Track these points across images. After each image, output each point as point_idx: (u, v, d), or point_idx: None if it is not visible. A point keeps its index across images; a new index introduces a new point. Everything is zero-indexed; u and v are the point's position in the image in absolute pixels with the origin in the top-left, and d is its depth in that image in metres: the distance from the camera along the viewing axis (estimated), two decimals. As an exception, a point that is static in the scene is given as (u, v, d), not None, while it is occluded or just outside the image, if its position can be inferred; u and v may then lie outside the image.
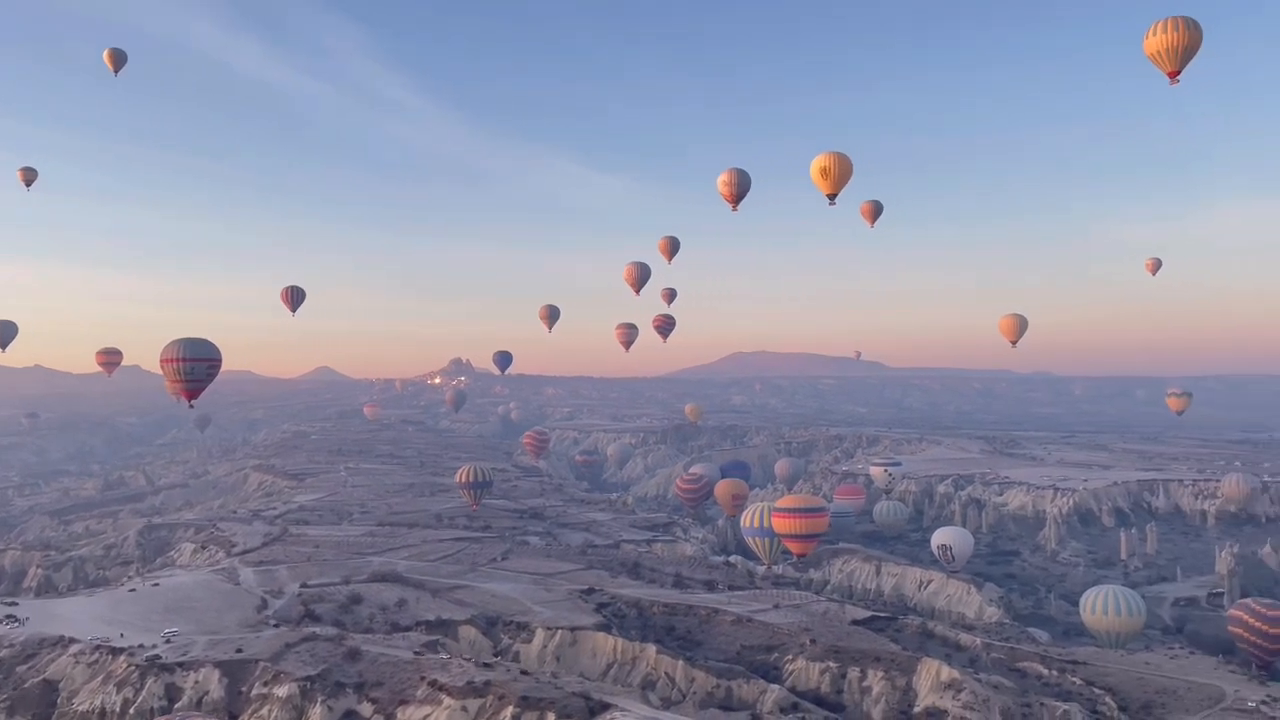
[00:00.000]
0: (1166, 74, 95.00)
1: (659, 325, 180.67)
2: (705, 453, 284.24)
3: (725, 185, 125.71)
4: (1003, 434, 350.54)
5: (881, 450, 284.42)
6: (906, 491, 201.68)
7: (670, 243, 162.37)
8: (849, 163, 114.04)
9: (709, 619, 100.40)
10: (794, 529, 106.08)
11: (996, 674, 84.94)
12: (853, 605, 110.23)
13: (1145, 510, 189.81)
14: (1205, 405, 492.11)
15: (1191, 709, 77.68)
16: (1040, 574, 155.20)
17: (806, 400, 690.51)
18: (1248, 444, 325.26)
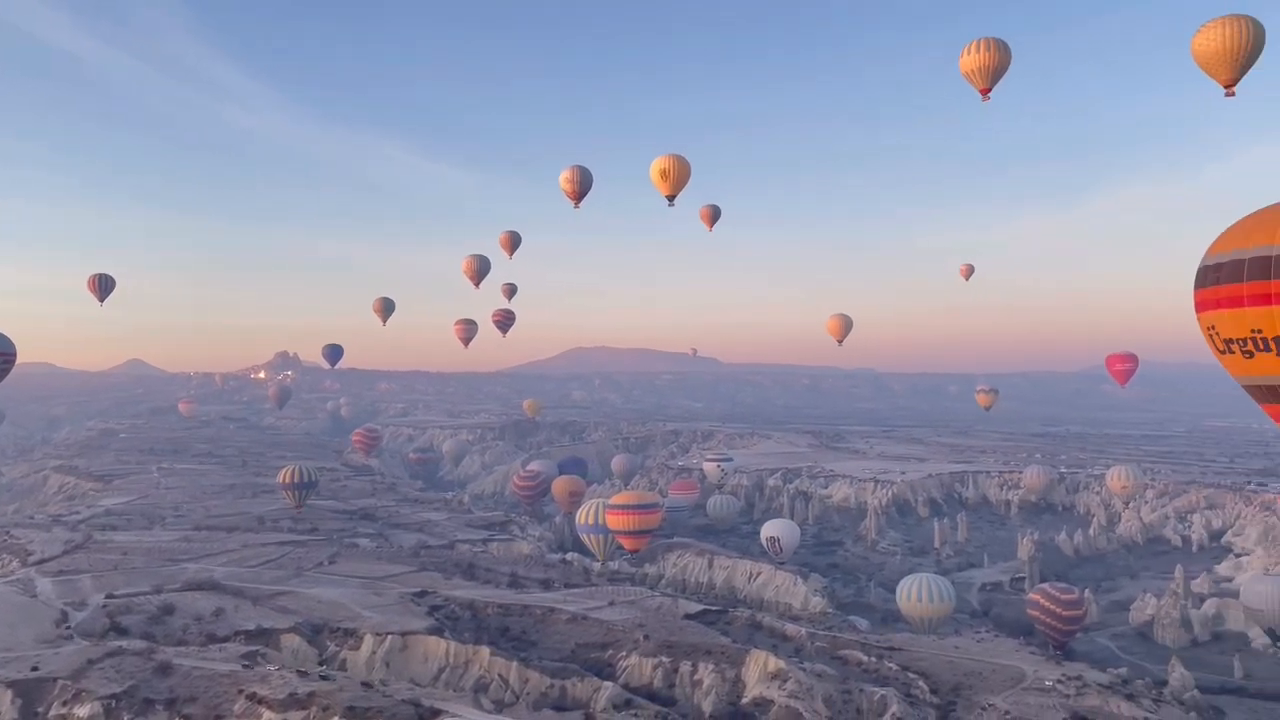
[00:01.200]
0: (979, 91, 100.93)
1: (498, 320, 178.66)
2: (544, 449, 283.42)
3: (568, 182, 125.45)
4: (829, 428, 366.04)
5: (716, 445, 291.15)
6: (739, 485, 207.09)
7: (511, 237, 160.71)
8: (687, 165, 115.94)
9: (544, 618, 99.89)
10: (627, 525, 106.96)
11: (820, 662, 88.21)
12: (686, 599, 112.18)
13: (957, 500, 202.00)
14: (1010, 401, 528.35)
15: (995, 689, 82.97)
16: (861, 563, 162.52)
17: (645, 396, 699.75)
18: (1047, 437, 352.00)
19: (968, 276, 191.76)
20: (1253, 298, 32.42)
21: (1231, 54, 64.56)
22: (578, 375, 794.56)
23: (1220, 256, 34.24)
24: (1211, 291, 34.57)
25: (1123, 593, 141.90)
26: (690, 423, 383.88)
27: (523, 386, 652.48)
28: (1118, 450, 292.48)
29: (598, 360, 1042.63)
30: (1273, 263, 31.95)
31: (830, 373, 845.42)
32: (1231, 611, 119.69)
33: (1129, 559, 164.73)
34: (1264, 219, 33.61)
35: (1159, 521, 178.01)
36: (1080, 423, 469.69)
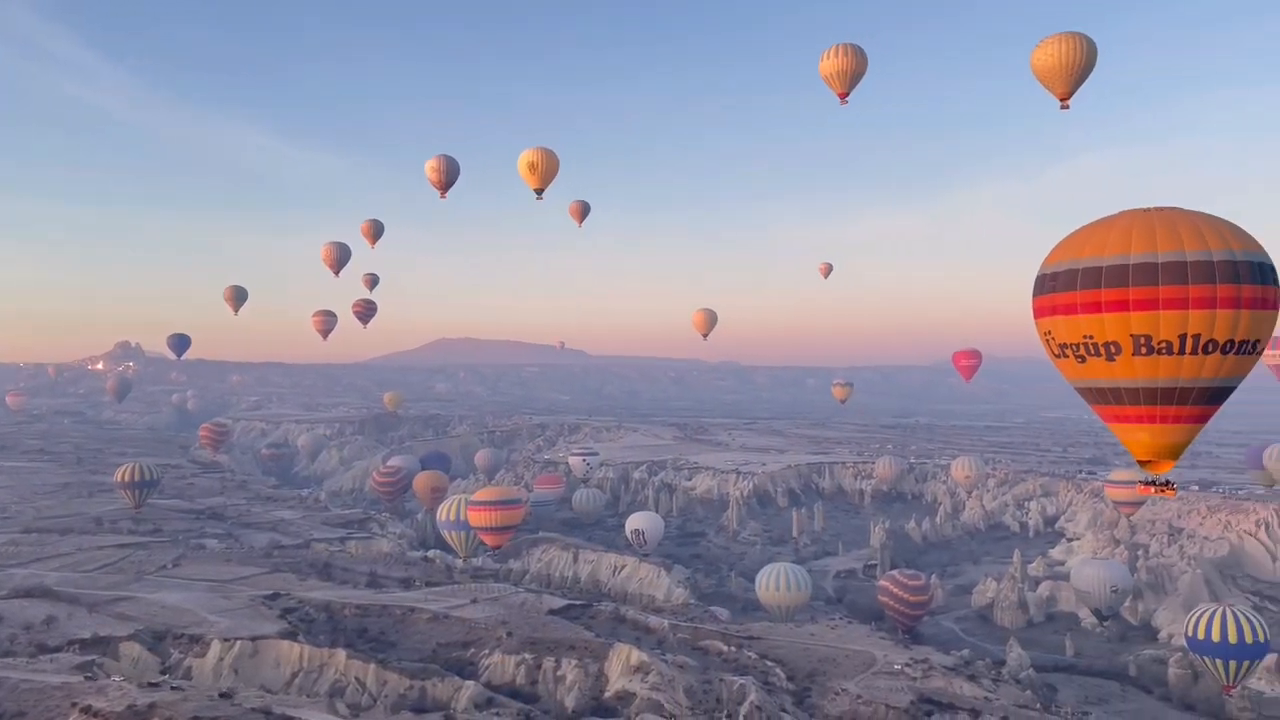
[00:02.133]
0: (838, 95, 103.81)
1: (359, 311, 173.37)
2: (406, 444, 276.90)
3: (434, 171, 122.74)
4: (693, 420, 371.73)
5: (582, 438, 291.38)
6: (604, 479, 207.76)
7: (373, 226, 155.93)
8: (556, 159, 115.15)
9: (404, 618, 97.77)
10: (490, 522, 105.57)
11: (682, 654, 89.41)
12: (550, 595, 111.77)
13: (814, 490, 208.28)
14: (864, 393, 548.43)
15: (848, 674, 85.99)
16: (723, 553, 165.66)
17: (511, 388, 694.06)
18: (898, 429, 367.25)
19: (826, 275, 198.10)
20: (1085, 306, 34.52)
21: (1066, 69, 68.56)
22: (442, 367, 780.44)
23: (1056, 266, 36.29)
24: (1048, 299, 36.57)
25: (966, 577, 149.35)
26: (557, 415, 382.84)
27: (384, 379, 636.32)
28: (963, 441, 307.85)
29: (463, 352, 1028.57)
30: (1103, 273, 34.10)
31: (695, 365, 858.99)
32: (1064, 593, 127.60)
33: (972, 545, 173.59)
34: (1094, 232, 35.81)
35: (999, 509, 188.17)
36: (929, 415, 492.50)
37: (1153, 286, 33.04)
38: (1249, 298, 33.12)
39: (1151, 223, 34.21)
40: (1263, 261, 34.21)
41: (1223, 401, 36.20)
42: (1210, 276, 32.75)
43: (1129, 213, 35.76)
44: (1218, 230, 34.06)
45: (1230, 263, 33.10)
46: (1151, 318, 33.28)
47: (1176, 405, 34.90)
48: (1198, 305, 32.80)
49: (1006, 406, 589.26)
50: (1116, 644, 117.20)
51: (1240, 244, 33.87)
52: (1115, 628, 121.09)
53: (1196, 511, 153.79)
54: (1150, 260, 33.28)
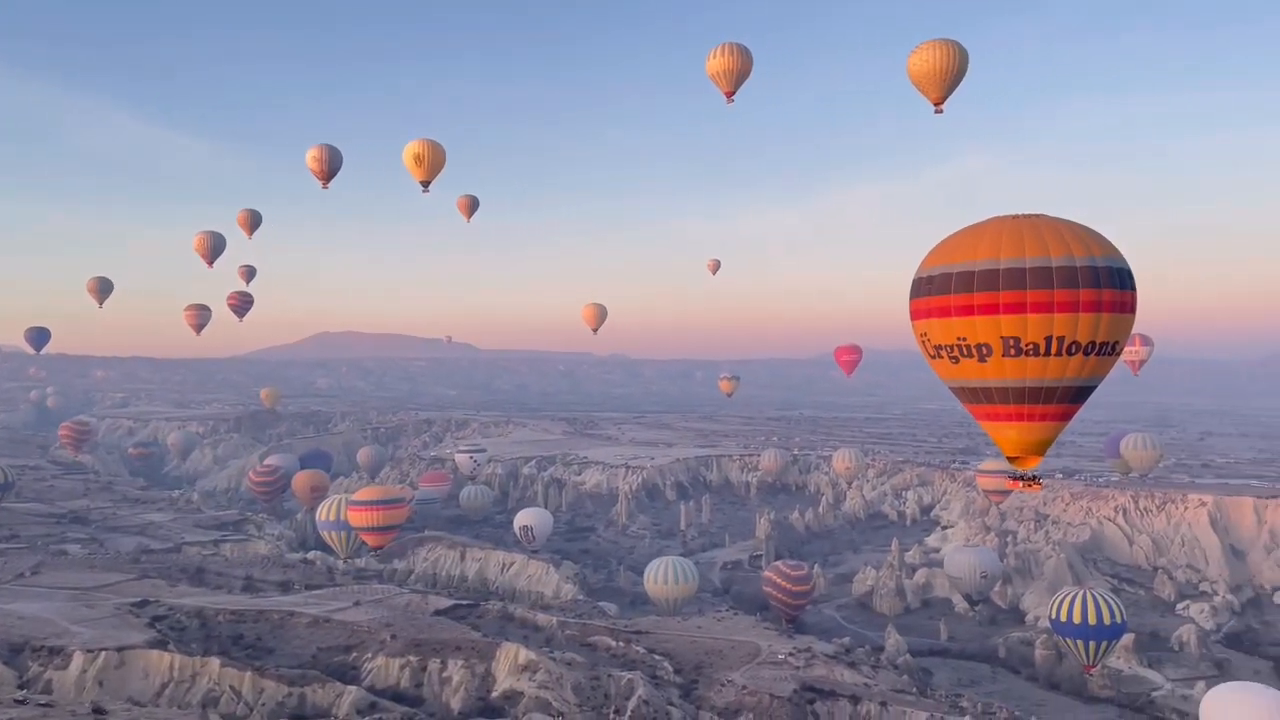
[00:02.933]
0: (724, 93, 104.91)
1: (234, 304, 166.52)
2: (284, 441, 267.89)
3: (315, 161, 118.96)
4: (583, 415, 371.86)
5: (470, 434, 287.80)
6: (493, 475, 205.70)
7: (250, 216, 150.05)
8: (442, 150, 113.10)
9: (283, 623, 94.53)
10: (371, 522, 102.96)
11: (570, 650, 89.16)
12: (436, 595, 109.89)
13: (702, 483, 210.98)
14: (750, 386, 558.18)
15: (734, 665, 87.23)
16: (612, 548, 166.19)
17: (396, 383, 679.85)
18: (783, 421, 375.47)
19: (715, 271, 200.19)
20: (958, 309, 35.86)
21: (940, 75, 70.98)
22: (324, 362, 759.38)
23: (932, 270, 37.59)
24: (924, 302, 37.82)
25: (847, 566, 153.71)
26: (444, 411, 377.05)
27: (262, 373, 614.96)
28: (844, 433, 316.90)
29: (346, 346, 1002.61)
30: (975, 278, 35.46)
31: (585, 359, 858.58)
32: (938, 580, 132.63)
33: (853, 534, 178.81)
34: (966, 238, 37.24)
35: (878, 499, 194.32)
36: (812, 407, 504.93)
37: (1020, 291, 34.61)
38: (1109, 302, 35.02)
39: (1020, 230, 35.79)
40: (1121, 267, 36.20)
41: (1085, 400, 38.14)
42: (1073, 281, 34.47)
43: (999, 219, 37.29)
44: (1080, 237, 35.86)
45: (1091, 268, 34.89)
46: (1020, 321, 34.83)
47: (1043, 404, 36.61)
48: (1062, 309, 34.49)
49: (886, 398, 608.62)
50: (987, 627, 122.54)
51: (1101, 250, 35.75)
52: (986, 611, 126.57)
53: (1060, 499, 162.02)
54: (1019, 266, 34.84)
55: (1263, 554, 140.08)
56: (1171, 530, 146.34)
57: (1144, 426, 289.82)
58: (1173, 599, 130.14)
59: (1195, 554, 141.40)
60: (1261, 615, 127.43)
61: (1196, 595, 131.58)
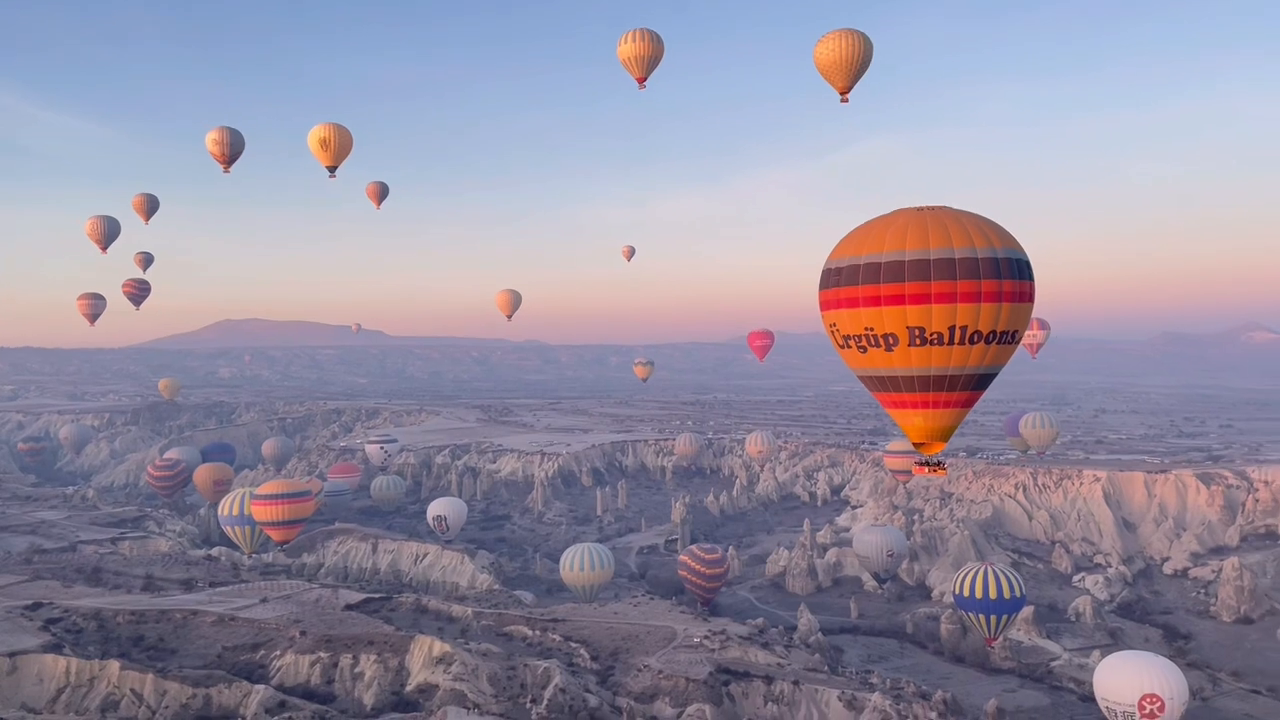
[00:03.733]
0: (635, 79, 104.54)
1: (130, 292, 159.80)
2: (186, 434, 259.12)
3: (216, 144, 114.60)
4: (498, 402, 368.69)
5: (381, 424, 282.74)
6: (405, 464, 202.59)
7: (147, 201, 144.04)
8: (349, 135, 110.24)
9: (186, 623, 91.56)
10: (276, 516, 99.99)
11: (486, 641, 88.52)
12: (347, 589, 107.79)
13: (618, 469, 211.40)
14: (665, 370, 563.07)
15: (650, 650, 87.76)
16: (528, 535, 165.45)
17: (303, 371, 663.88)
18: (697, 404, 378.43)
19: (629, 257, 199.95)
20: (866, 300, 36.57)
21: (845, 65, 72.04)
22: (226, 350, 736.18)
23: (839, 262, 38.22)
24: (833, 293, 38.42)
25: (760, 547, 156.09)
26: (354, 400, 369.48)
27: (162, 363, 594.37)
28: (757, 416, 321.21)
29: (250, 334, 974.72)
30: (881, 269, 36.18)
31: (500, 345, 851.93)
32: (849, 559, 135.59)
33: (766, 515, 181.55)
34: (873, 229, 37.94)
35: (791, 480, 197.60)
36: (726, 390, 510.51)
37: (925, 282, 35.44)
38: (1009, 292, 36.13)
39: (924, 222, 36.64)
40: (1020, 258, 37.38)
41: (987, 387, 39.31)
42: (975, 273, 35.44)
43: (904, 211, 38.07)
44: (981, 229, 36.89)
45: (992, 260, 35.91)
46: (925, 311, 35.66)
47: (947, 391, 37.61)
48: (965, 299, 35.43)
49: (798, 380, 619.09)
50: (895, 604, 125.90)
51: (1001, 242, 36.85)
52: (894, 588, 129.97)
53: (964, 477, 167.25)
54: (923, 257, 35.64)
55: (1153, 526, 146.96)
56: (1068, 505, 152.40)
57: (1042, 405, 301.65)
58: (1069, 571, 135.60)
59: (1090, 528, 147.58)
60: (1152, 585, 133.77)
61: (1092, 567, 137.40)
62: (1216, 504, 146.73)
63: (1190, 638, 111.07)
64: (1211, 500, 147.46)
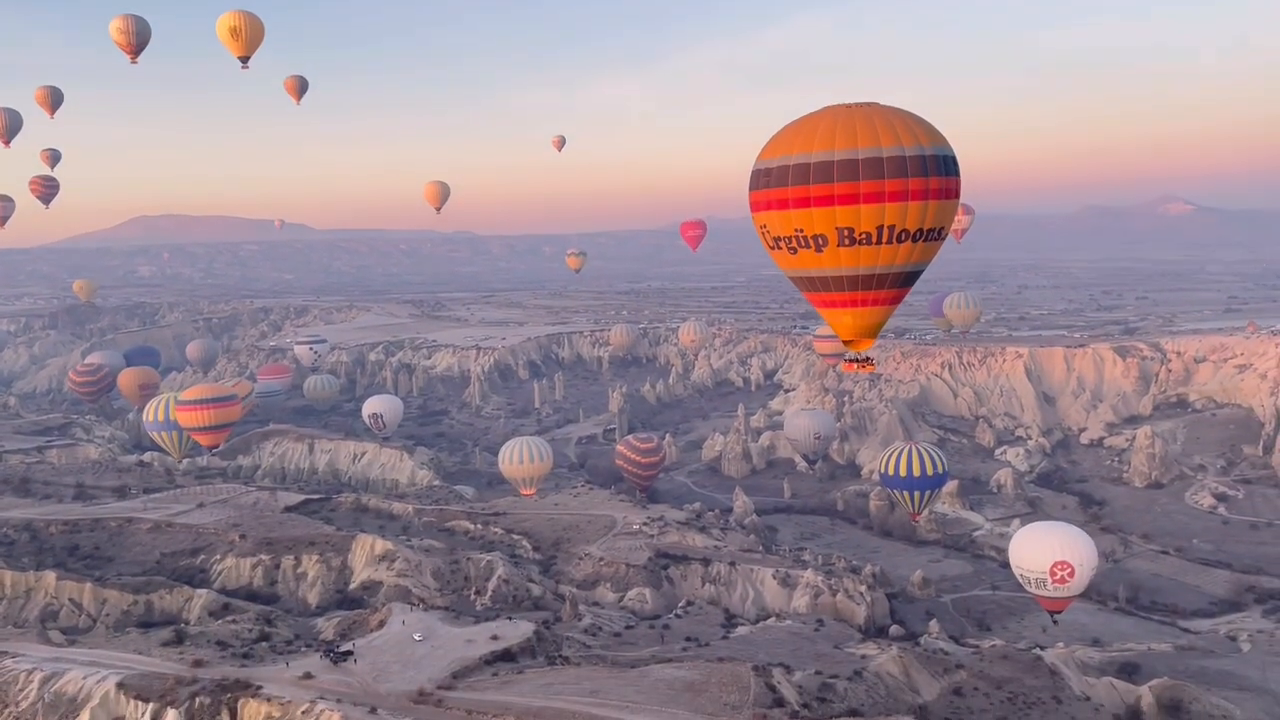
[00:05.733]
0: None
1: (38, 190, 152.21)
2: (108, 336, 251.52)
3: (120, 33, 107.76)
4: (430, 296, 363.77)
5: (311, 321, 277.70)
6: (339, 362, 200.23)
7: (50, 94, 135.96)
8: (260, 24, 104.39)
9: (122, 530, 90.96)
10: (202, 421, 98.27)
11: (428, 537, 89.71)
12: (285, 491, 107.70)
13: (554, 361, 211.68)
14: (599, 260, 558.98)
15: (591, 538, 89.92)
16: (467, 430, 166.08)
17: (227, 269, 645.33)
18: (632, 294, 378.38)
19: (560, 148, 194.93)
20: (796, 201, 36.43)
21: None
22: (144, 249, 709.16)
23: (769, 162, 37.81)
24: (763, 194, 38.14)
25: (697, 433, 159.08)
26: (281, 297, 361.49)
27: (77, 263, 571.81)
28: (691, 303, 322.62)
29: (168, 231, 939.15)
30: (811, 169, 35.91)
31: (429, 236, 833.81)
32: (781, 442, 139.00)
33: (702, 402, 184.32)
34: (802, 129, 37.48)
35: (725, 367, 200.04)
36: (660, 278, 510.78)
37: (854, 182, 35.36)
38: (935, 189, 36.24)
39: (853, 120, 36.35)
40: (947, 155, 37.38)
41: (914, 284, 39.86)
42: (902, 171, 35.42)
43: (832, 109, 37.67)
44: (909, 126, 36.69)
45: (919, 158, 35.86)
46: (853, 211, 35.68)
47: (875, 290, 38.07)
48: (892, 198, 35.52)
49: (730, 266, 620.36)
50: (827, 483, 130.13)
51: (928, 139, 36.73)
52: (826, 468, 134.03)
53: (892, 358, 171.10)
54: (851, 157, 35.48)
55: (1071, 399, 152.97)
56: (991, 382, 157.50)
57: (967, 284, 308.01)
58: (992, 445, 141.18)
59: (1012, 403, 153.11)
60: (1069, 455, 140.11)
61: (1013, 440, 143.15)
62: (1131, 375, 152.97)
63: (1104, 504, 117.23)
64: (1127, 372, 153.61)
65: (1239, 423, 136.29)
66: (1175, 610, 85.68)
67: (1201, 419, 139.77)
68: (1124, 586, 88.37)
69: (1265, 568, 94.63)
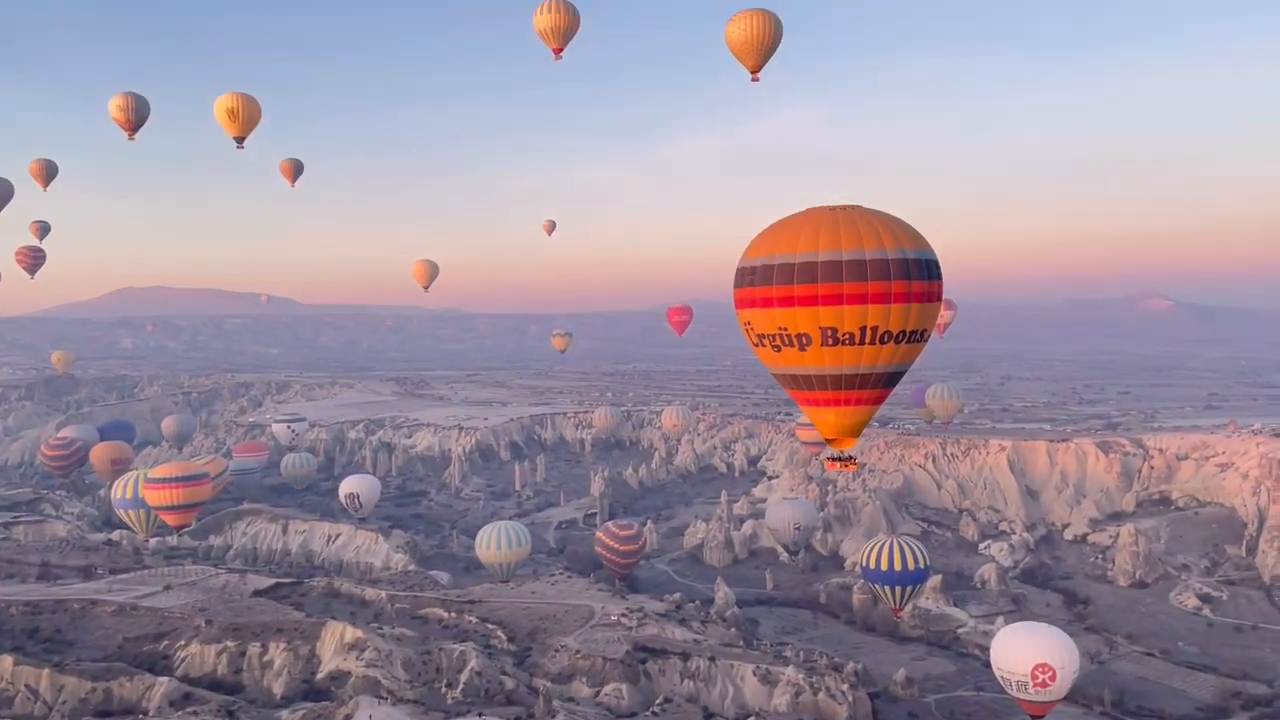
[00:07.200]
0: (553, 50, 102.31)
1: (24, 260, 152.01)
2: (84, 409, 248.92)
3: (120, 110, 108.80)
4: (414, 374, 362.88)
5: (293, 396, 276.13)
6: (317, 440, 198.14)
7: (45, 166, 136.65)
8: (258, 106, 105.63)
9: (84, 613, 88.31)
10: (170, 500, 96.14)
11: (400, 625, 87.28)
12: (255, 573, 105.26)
13: (537, 442, 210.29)
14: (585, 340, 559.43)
15: (568, 629, 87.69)
16: (446, 511, 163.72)
17: (210, 342, 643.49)
18: (617, 375, 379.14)
19: (550, 232, 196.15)
20: (780, 299, 36.71)
21: (756, 44, 71.78)
22: (128, 319, 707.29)
23: (754, 261, 38.27)
24: (747, 292, 38.42)
25: (679, 519, 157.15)
26: (263, 372, 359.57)
27: (59, 333, 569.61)
28: (676, 386, 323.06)
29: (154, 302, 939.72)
30: (795, 269, 36.29)
31: (415, 313, 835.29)
32: (764, 530, 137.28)
33: (685, 487, 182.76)
34: (786, 230, 37.98)
35: (709, 452, 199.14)
36: (646, 360, 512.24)
37: (837, 283, 35.69)
38: (918, 292, 36.58)
39: (836, 222, 36.85)
40: (929, 259, 37.82)
41: (896, 385, 39.83)
42: (885, 274, 35.81)
43: (816, 211, 38.16)
44: (891, 230, 37.22)
45: (902, 261, 36.26)
46: (837, 312, 35.90)
47: (858, 390, 38.02)
48: (875, 300, 35.82)
49: (716, 349, 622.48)
50: (810, 574, 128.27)
51: (911, 243, 37.22)
52: (808, 559, 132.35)
53: (876, 447, 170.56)
54: (835, 259, 35.92)
55: (1054, 493, 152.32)
56: (975, 474, 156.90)
57: (951, 373, 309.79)
58: (976, 539, 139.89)
59: (996, 496, 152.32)
60: (1053, 551, 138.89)
61: (997, 534, 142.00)
62: (1114, 471, 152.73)
63: (1089, 602, 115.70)
64: (1110, 468, 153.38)
65: (1222, 522, 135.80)
66: (1162, 716, 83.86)
67: (1185, 517, 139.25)
68: (1110, 690, 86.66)
69: (1251, 673, 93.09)
